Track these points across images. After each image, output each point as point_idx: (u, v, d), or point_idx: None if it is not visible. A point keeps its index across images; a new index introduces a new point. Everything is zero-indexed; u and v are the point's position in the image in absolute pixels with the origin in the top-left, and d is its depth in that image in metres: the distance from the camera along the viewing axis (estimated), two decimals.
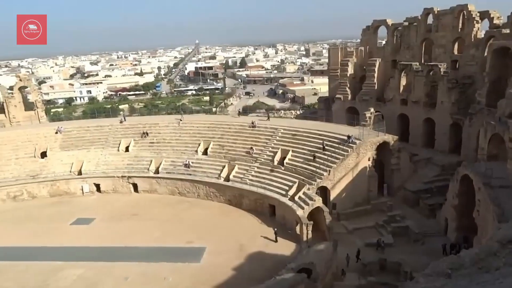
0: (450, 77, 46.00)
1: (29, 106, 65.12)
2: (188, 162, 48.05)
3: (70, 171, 50.37)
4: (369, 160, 40.84)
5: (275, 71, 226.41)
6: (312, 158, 41.54)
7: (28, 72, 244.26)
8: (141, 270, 31.95)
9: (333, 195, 39.58)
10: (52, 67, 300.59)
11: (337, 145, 41.89)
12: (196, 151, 49.79)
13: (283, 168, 43.02)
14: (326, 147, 42.08)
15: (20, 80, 61.98)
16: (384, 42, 63.54)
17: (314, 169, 40.36)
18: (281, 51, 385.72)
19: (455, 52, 49.93)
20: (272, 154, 45.14)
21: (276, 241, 34.89)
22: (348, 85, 60.10)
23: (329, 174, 39.12)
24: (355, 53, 60.61)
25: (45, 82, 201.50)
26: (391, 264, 30.16)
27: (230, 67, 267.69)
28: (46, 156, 51.86)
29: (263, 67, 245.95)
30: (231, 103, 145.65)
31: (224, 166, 46.07)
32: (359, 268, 30.68)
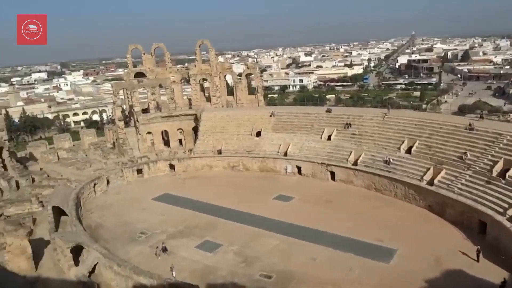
0: None
1: (251, 90, 75.01)
2: (389, 158, 46.20)
3: (278, 152, 55.86)
4: None
5: (507, 67, 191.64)
6: None
7: (254, 61, 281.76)
8: (328, 255, 33.09)
9: None
10: (273, 57, 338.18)
11: None
12: (399, 148, 47.31)
13: (503, 181, 36.43)
14: None
15: (248, 68, 72.33)
16: None
17: None
18: None
19: None
20: (491, 163, 38.79)
21: (477, 261, 30.69)
22: None
23: None
24: None
25: (266, 70, 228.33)
26: None
27: (448, 61, 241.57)
28: (260, 135, 59.09)
29: (491, 62, 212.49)
30: (445, 101, 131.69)
31: (428, 169, 42.34)
32: None
